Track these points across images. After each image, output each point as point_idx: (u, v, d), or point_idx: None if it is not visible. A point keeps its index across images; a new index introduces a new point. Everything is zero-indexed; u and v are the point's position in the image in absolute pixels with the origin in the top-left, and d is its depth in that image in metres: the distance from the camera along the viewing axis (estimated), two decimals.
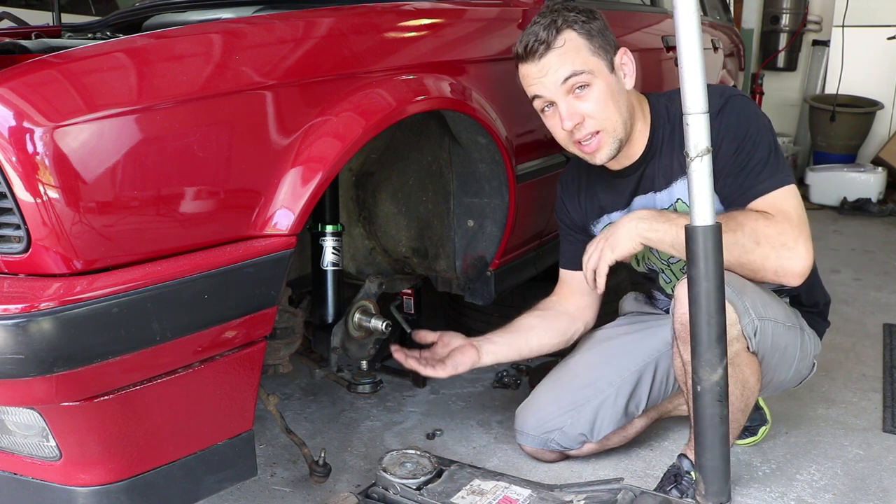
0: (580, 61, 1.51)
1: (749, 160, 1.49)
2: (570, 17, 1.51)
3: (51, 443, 1.11)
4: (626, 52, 1.57)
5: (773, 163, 1.49)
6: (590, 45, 1.52)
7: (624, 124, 1.56)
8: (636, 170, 1.65)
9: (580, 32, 1.51)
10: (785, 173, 1.50)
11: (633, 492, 1.46)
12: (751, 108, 1.55)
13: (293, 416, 2.04)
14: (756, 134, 1.50)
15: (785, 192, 1.48)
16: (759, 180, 1.48)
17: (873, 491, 1.69)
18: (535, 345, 1.80)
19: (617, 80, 1.55)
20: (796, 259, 1.43)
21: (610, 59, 1.54)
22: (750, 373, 1.51)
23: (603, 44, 1.53)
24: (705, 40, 3.07)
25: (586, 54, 1.51)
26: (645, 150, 1.63)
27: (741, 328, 1.45)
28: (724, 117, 1.50)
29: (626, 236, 1.50)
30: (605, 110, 1.54)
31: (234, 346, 1.21)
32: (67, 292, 1.00)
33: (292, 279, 1.79)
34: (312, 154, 1.25)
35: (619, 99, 1.55)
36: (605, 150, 1.57)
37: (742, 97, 1.56)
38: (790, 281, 1.46)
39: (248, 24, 1.31)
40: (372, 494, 1.53)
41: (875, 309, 2.87)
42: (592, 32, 1.52)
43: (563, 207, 1.81)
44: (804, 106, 5.67)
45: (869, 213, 4.52)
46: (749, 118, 1.52)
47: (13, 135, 0.97)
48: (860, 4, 5.15)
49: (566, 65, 1.51)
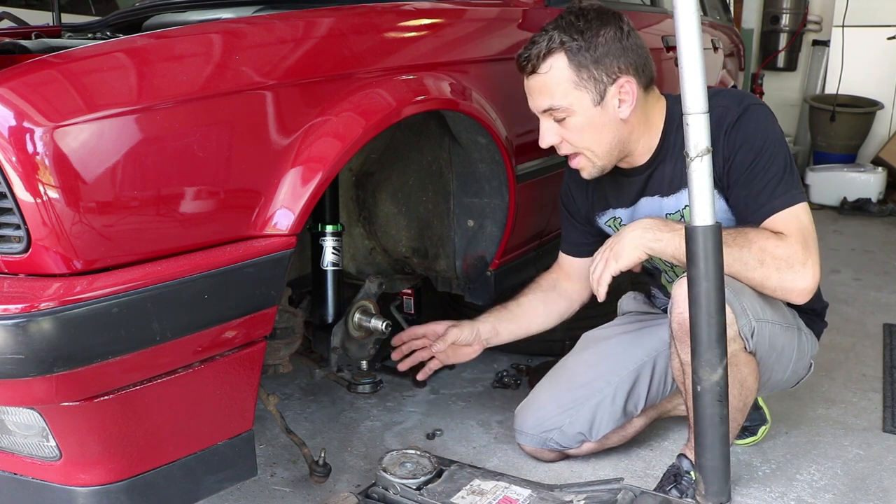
0: (559, 95, 1.49)
1: (764, 174, 1.47)
2: (566, 41, 1.47)
3: (51, 443, 1.11)
4: (629, 83, 1.50)
5: (788, 179, 1.48)
6: (576, 76, 1.48)
7: (607, 152, 1.56)
8: (645, 171, 1.64)
9: (571, 61, 1.47)
10: (798, 190, 1.49)
11: (633, 492, 1.46)
12: (769, 118, 1.53)
13: (293, 416, 2.04)
14: (773, 147, 1.49)
15: (796, 210, 1.46)
16: (774, 196, 1.47)
17: (873, 491, 1.69)
18: (535, 329, 1.84)
19: (603, 112, 1.51)
20: (801, 279, 1.43)
21: (601, 89, 1.49)
22: (748, 372, 1.51)
23: (595, 74, 1.48)
24: (705, 40, 3.07)
25: (567, 87, 1.49)
26: (655, 153, 1.62)
27: (738, 329, 1.45)
28: (741, 126, 1.49)
29: (631, 246, 1.49)
30: (581, 140, 1.54)
31: (234, 346, 1.21)
32: (67, 292, 0.99)
33: (292, 279, 1.79)
34: (312, 154, 1.25)
35: (603, 130, 1.53)
36: (587, 171, 1.60)
37: (761, 106, 1.54)
38: (794, 299, 1.46)
39: (248, 24, 1.31)
40: (372, 494, 1.53)
41: (875, 309, 2.87)
42: (585, 62, 1.47)
43: (570, 194, 1.81)
44: (804, 106, 5.67)
45: (869, 213, 4.52)
46: (767, 130, 1.50)
47: (13, 135, 0.97)
48: (860, 4, 5.15)
49: (544, 96, 1.51)
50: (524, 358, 2.38)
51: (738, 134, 1.49)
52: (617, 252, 1.51)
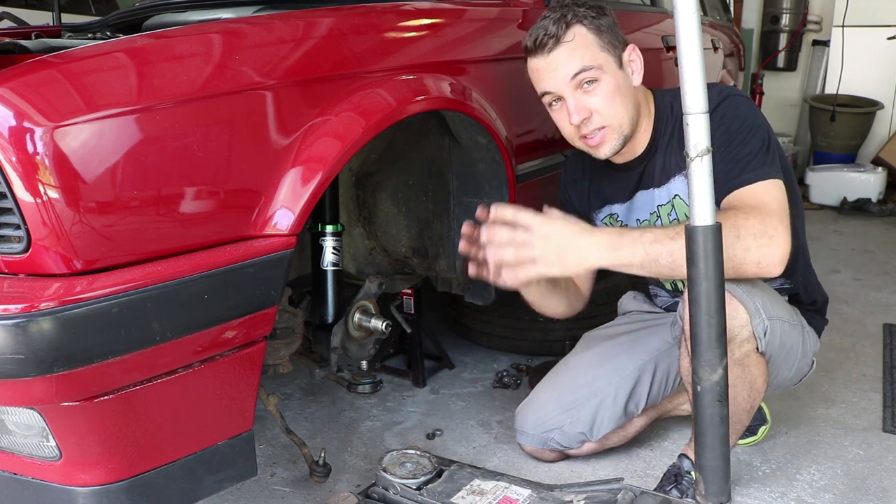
0: (590, 56, 1.51)
1: (738, 151, 1.47)
2: (580, 13, 1.51)
3: (51, 443, 1.11)
4: (634, 49, 1.57)
5: (762, 157, 1.47)
6: (599, 40, 1.52)
7: (630, 121, 1.57)
8: (639, 165, 1.66)
9: (590, 28, 1.51)
10: (773, 167, 1.47)
11: (633, 492, 1.46)
12: (749, 106, 1.54)
13: (293, 416, 2.04)
14: (750, 129, 1.50)
15: (768, 184, 1.45)
16: (745, 170, 1.46)
17: (873, 491, 1.69)
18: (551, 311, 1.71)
19: (625, 76, 1.55)
20: (776, 246, 1.37)
21: (618, 55, 1.54)
22: (758, 373, 1.51)
23: (612, 40, 1.53)
24: (705, 40, 3.07)
25: (595, 49, 1.51)
26: (648, 146, 1.64)
27: (752, 329, 1.44)
28: (719, 111, 1.49)
29: (575, 260, 1.36)
30: (612, 106, 1.54)
31: (234, 346, 1.21)
32: (67, 292, 1.00)
33: (292, 279, 1.79)
34: (312, 154, 1.25)
35: (627, 95, 1.55)
36: (609, 145, 1.57)
37: (742, 96, 1.56)
38: (772, 270, 1.38)
39: (248, 24, 1.31)
40: (372, 494, 1.53)
41: (875, 309, 2.87)
42: (602, 28, 1.52)
43: (566, 193, 1.81)
44: (804, 106, 5.67)
45: (869, 213, 4.52)
46: (746, 114, 1.51)
47: (13, 135, 0.97)
48: (860, 4, 5.15)
49: (575, 59, 1.51)
50: (524, 358, 2.38)
51: (715, 119, 1.47)
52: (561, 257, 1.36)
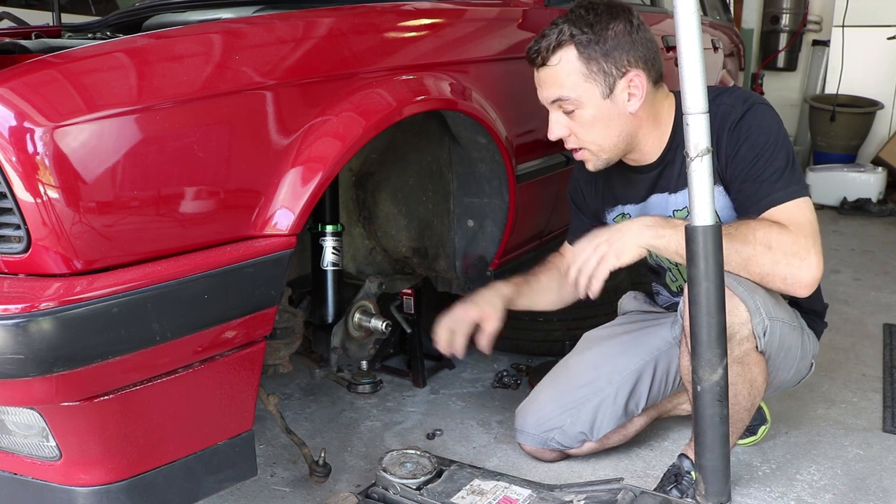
0: (569, 86, 1.50)
1: (766, 169, 1.47)
2: (576, 34, 1.48)
3: (51, 443, 1.11)
4: (637, 76, 1.51)
5: (790, 174, 1.47)
6: (585, 69, 1.49)
7: (613, 146, 1.56)
8: (655, 168, 1.64)
9: (580, 54, 1.48)
10: (801, 185, 1.48)
11: (633, 492, 1.46)
12: (773, 117, 1.53)
13: (293, 416, 2.04)
14: (776, 143, 1.49)
15: (800, 203, 1.46)
16: (774, 189, 1.46)
17: (873, 491, 1.69)
18: (543, 307, 1.83)
19: (613, 105, 1.51)
20: (806, 269, 1.41)
21: (610, 82, 1.50)
22: (758, 372, 1.51)
23: (605, 67, 1.49)
24: (705, 40, 3.07)
25: (577, 79, 1.49)
26: (665, 150, 1.62)
27: (752, 328, 1.44)
28: (745, 123, 1.49)
29: (633, 243, 1.45)
30: (588, 133, 1.54)
31: (234, 346, 1.21)
32: (67, 292, 1.00)
33: (292, 279, 1.79)
34: (312, 154, 1.25)
35: (610, 123, 1.53)
36: (592, 164, 1.60)
37: (765, 105, 1.54)
38: (798, 291, 1.43)
39: (248, 24, 1.31)
40: (372, 494, 1.53)
41: (875, 309, 2.87)
42: (593, 56, 1.48)
43: (578, 190, 1.81)
44: (804, 106, 5.67)
45: (869, 213, 4.52)
46: (770, 127, 1.50)
47: (13, 135, 0.97)
48: (860, 4, 5.15)
49: (555, 87, 1.52)
50: (524, 358, 2.38)
51: (741, 130, 1.49)
52: (618, 249, 1.46)
